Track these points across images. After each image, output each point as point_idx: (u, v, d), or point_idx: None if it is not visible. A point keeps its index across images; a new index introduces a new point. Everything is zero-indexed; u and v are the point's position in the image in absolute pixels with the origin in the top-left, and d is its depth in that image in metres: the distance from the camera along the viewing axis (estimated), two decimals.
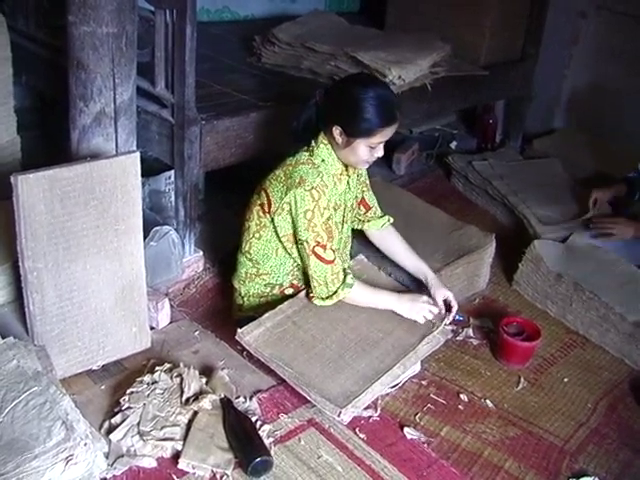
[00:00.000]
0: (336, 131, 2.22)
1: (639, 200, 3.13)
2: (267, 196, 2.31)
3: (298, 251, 2.33)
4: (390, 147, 3.91)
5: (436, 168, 4.00)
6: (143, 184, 2.50)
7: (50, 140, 3.03)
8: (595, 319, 2.68)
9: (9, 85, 2.71)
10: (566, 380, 2.50)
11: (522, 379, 2.47)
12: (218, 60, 3.35)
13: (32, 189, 1.92)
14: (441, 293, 2.46)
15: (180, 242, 2.61)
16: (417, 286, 2.62)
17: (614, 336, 2.63)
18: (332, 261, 2.25)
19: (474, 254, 2.82)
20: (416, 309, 2.37)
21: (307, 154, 2.30)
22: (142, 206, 2.19)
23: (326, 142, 2.29)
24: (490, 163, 3.72)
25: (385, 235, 2.63)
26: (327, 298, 2.31)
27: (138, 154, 2.12)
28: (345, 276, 2.30)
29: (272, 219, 2.30)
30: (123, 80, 2.29)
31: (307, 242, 2.24)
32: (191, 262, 2.75)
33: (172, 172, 2.72)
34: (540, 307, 2.88)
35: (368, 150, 2.25)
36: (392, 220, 2.64)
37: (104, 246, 2.12)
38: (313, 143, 2.30)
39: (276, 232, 2.32)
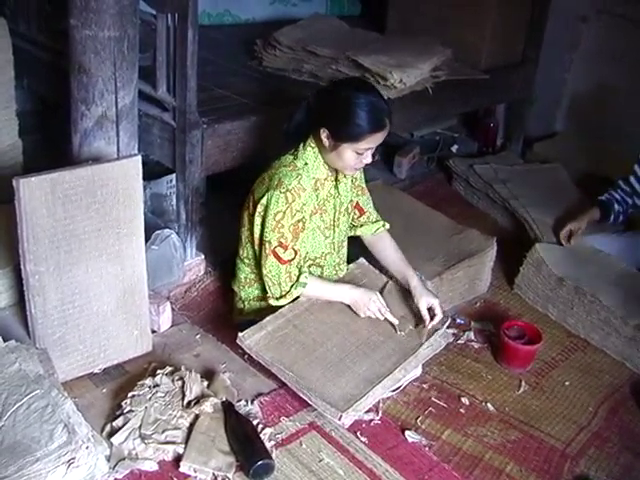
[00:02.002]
0: (323, 134, 2.21)
1: (614, 222, 3.11)
2: (253, 199, 2.32)
3: (259, 253, 2.32)
4: (391, 150, 3.92)
5: (437, 172, 4.00)
6: (144, 187, 2.50)
7: (52, 144, 3.03)
8: (596, 323, 2.68)
9: (11, 89, 2.72)
10: (567, 384, 2.50)
11: (523, 383, 2.47)
12: (219, 64, 3.35)
13: (34, 192, 1.92)
14: (424, 301, 2.38)
15: (181, 245, 2.61)
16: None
17: (615, 340, 2.63)
18: (289, 261, 2.26)
19: (475, 258, 2.83)
20: (361, 304, 2.34)
21: (291, 157, 2.31)
22: (143, 209, 2.19)
23: (313, 145, 2.29)
24: (492, 167, 3.72)
25: (377, 239, 2.60)
26: (281, 297, 2.31)
27: (140, 158, 2.12)
28: (299, 275, 2.30)
29: (252, 220, 2.30)
30: (125, 84, 2.29)
31: (270, 242, 2.24)
32: (192, 265, 2.75)
33: (173, 176, 2.72)
34: (541, 311, 2.88)
35: (354, 156, 2.23)
36: (387, 226, 2.60)
37: (105, 249, 2.12)
38: (300, 146, 2.31)
39: (251, 233, 2.32)
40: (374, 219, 2.59)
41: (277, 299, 2.32)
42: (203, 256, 2.80)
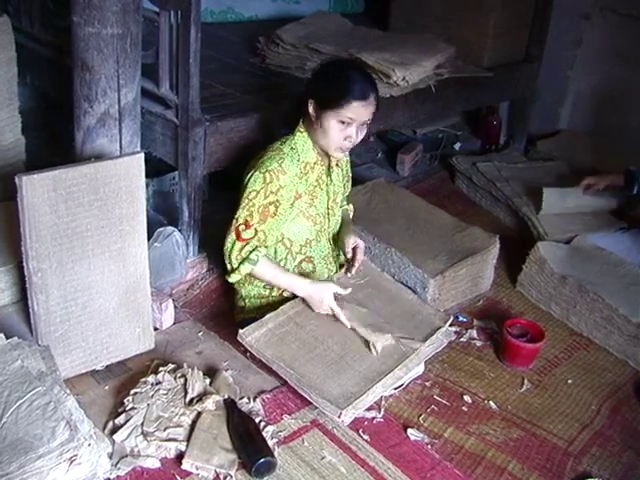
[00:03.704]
0: (310, 105, 2.26)
1: (636, 194, 3.11)
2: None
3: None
4: (394, 148, 3.92)
5: (440, 169, 3.99)
6: (147, 185, 2.51)
7: (54, 141, 3.03)
8: (599, 321, 2.67)
9: (14, 86, 2.72)
10: (570, 382, 2.50)
11: (526, 381, 2.47)
12: (222, 61, 3.35)
13: (36, 190, 1.92)
14: (351, 240, 2.50)
15: (184, 243, 2.61)
16: (421, 287, 2.64)
17: (618, 338, 2.63)
18: (246, 239, 2.27)
19: (478, 255, 2.82)
20: (316, 300, 2.31)
21: (279, 143, 2.34)
22: (146, 207, 2.19)
23: (302, 130, 2.33)
24: (495, 165, 3.71)
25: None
26: (231, 272, 2.33)
27: (142, 155, 2.12)
28: (251, 252, 2.29)
29: None
30: (127, 81, 2.29)
31: (237, 220, 2.27)
32: (195, 263, 2.75)
33: (176, 173, 2.72)
34: (544, 309, 2.88)
35: (339, 127, 2.24)
36: (351, 207, 2.74)
37: (108, 247, 2.12)
38: (290, 133, 2.35)
39: None
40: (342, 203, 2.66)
41: (228, 275, 2.34)
42: (205, 254, 2.79)
